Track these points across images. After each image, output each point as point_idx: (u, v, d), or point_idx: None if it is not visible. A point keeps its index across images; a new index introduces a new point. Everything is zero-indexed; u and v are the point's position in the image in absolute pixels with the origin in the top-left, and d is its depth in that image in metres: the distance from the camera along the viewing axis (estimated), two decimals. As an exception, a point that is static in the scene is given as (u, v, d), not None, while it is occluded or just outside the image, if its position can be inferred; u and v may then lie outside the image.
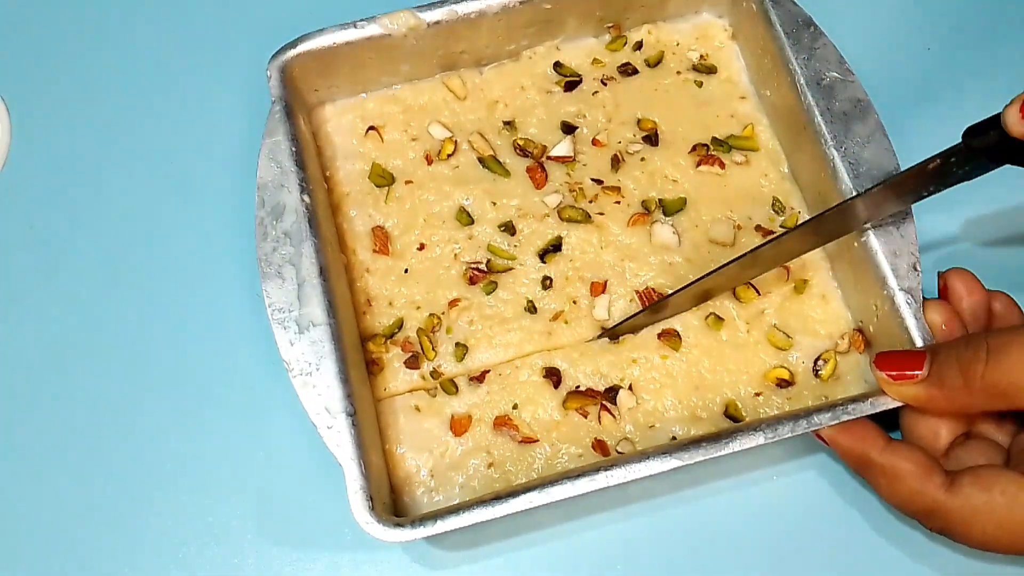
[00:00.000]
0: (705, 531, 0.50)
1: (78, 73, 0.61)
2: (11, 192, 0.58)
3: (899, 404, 0.45)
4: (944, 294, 0.48)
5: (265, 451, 0.52)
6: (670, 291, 0.52)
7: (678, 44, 0.59)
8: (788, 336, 0.51)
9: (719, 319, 0.52)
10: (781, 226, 0.54)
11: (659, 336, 0.51)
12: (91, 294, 0.55)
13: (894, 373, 0.44)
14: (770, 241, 0.48)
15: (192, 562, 0.50)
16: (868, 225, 0.48)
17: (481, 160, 0.56)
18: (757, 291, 0.52)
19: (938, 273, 0.49)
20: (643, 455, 0.44)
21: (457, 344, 0.52)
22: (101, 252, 0.56)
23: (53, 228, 0.57)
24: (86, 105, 0.60)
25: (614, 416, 0.50)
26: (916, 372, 0.44)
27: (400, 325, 0.52)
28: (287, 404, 0.52)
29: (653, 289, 0.52)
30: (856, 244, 0.49)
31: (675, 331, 0.52)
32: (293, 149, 0.50)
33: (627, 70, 0.58)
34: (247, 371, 0.53)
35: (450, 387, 0.51)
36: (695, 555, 0.50)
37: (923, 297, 0.47)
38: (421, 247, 0.54)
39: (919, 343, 0.46)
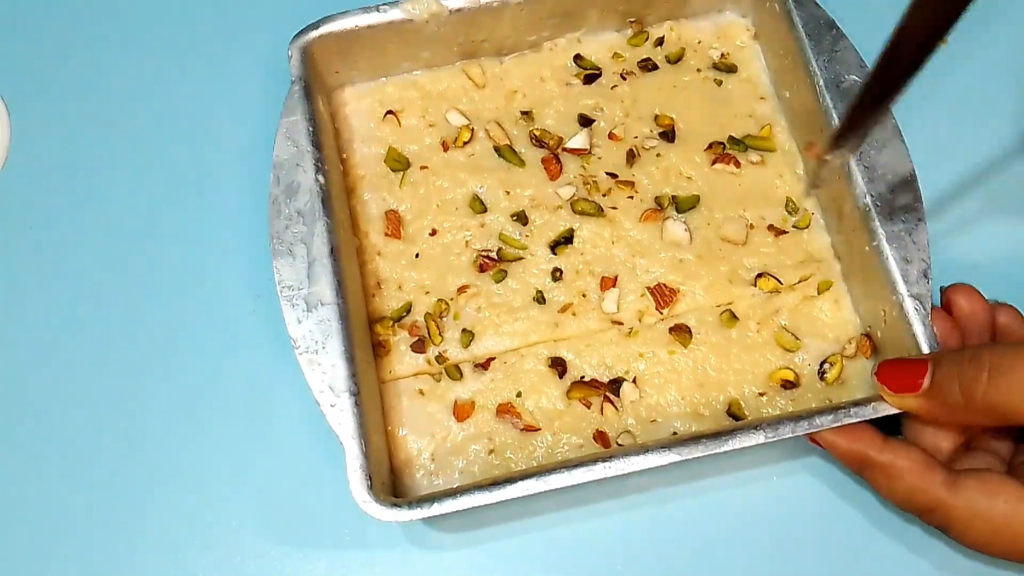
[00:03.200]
0: (703, 528, 0.50)
1: (79, 71, 0.61)
2: (11, 192, 0.58)
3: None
4: (947, 309, 0.48)
5: (266, 445, 0.52)
6: (682, 286, 0.52)
7: (699, 42, 0.58)
8: (796, 338, 0.51)
9: (734, 317, 0.52)
10: (794, 226, 0.54)
11: (671, 331, 0.52)
12: (93, 285, 0.55)
13: (894, 386, 0.44)
14: None
15: (192, 561, 0.50)
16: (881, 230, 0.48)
17: (497, 149, 0.56)
18: (779, 281, 0.52)
19: (940, 288, 0.49)
20: (643, 448, 0.44)
21: (464, 330, 0.52)
22: (104, 243, 0.56)
23: (53, 228, 0.57)
24: (87, 103, 0.60)
25: (616, 408, 0.50)
26: (918, 382, 0.44)
27: (408, 309, 0.53)
28: (290, 395, 0.52)
29: (664, 285, 0.52)
30: (867, 249, 0.49)
31: (688, 327, 0.52)
32: (310, 129, 0.51)
33: (647, 66, 0.58)
34: (251, 365, 0.53)
35: (455, 372, 0.51)
36: (693, 549, 0.50)
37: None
38: (433, 233, 0.54)
39: (926, 350, 0.46)
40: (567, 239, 0.54)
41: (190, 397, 0.53)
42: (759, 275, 0.53)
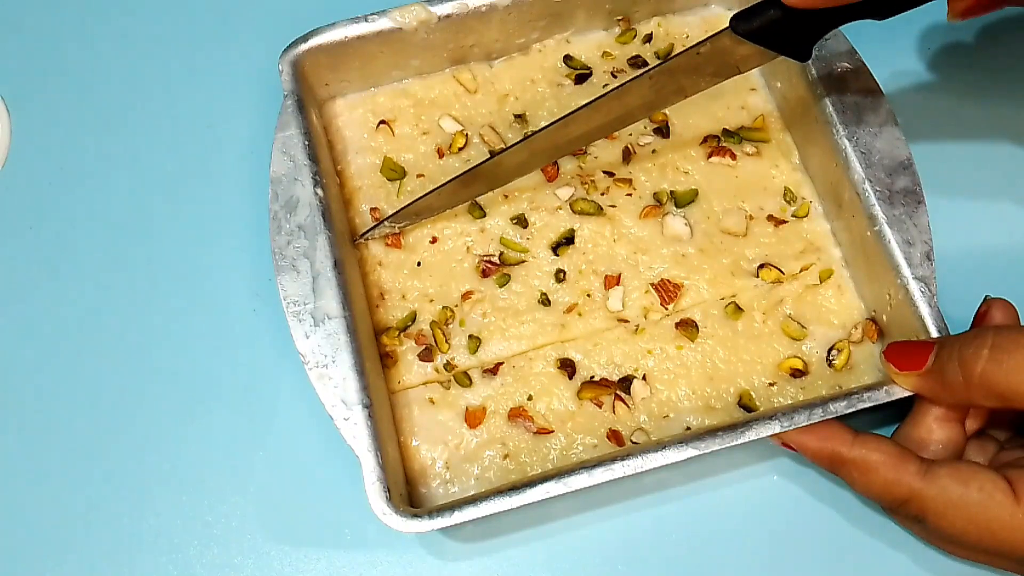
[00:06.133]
0: (708, 528, 0.50)
1: (79, 72, 0.61)
2: (11, 192, 0.58)
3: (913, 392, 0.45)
4: (982, 319, 0.48)
5: (266, 445, 0.52)
6: (685, 281, 0.52)
7: (687, 36, 0.59)
8: (802, 326, 0.52)
9: (739, 309, 0.52)
10: (793, 215, 0.54)
11: (677, 326, 0.52)
12: (93, 293, 0.55)
13: (900, 365, 0.45)
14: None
15: (192, 561, 0.50)
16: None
17: (492, 153, 0.56)
18: (781, 271, 0.52)
19: (985, 297, 0.48)
20: (660, 444, 0.44)
21: (470, 337, 0.52)
22: (103, 251, 0.56)
23: (53, 228, 0.57)
24: (87, 104, 0.60)
25: (628, 406, 0.50)
26: (923, 361, 0.44)
27: (413, 318, 0.52)
28: (290, 396, 0.52)
29: (668, 280, 0.52)
30: (868, 234, 0.49)
31: (693, 321, 0.52)
32: (306, 143, 0.51)
33: (637, 63, 0.58)
34: (251, 368, 0.53)
35: (464, 379, 0.51)
36: (699, 550, 0.50)
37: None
38: (433, 240, 0.54)
39: (934, 332, 0.46)
40: (568, 240, 0.54)
41: (190, 397, 0.53)
42: (761, 266, 0.53)
